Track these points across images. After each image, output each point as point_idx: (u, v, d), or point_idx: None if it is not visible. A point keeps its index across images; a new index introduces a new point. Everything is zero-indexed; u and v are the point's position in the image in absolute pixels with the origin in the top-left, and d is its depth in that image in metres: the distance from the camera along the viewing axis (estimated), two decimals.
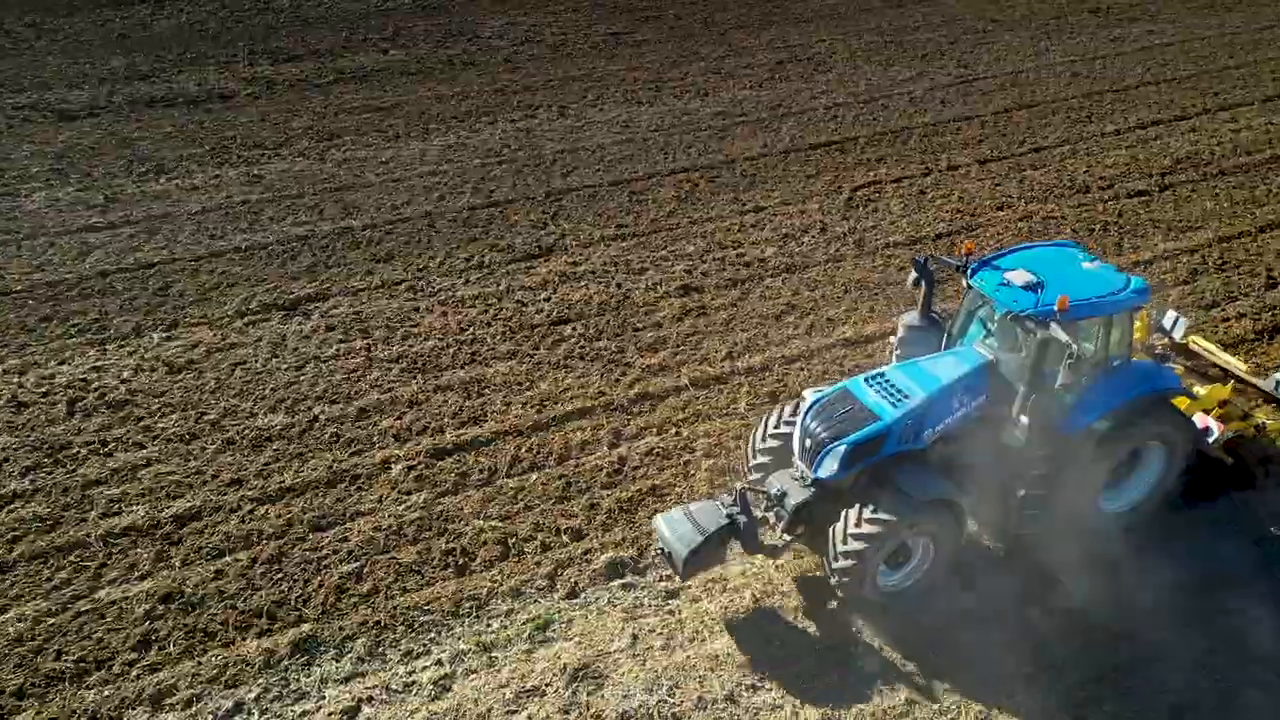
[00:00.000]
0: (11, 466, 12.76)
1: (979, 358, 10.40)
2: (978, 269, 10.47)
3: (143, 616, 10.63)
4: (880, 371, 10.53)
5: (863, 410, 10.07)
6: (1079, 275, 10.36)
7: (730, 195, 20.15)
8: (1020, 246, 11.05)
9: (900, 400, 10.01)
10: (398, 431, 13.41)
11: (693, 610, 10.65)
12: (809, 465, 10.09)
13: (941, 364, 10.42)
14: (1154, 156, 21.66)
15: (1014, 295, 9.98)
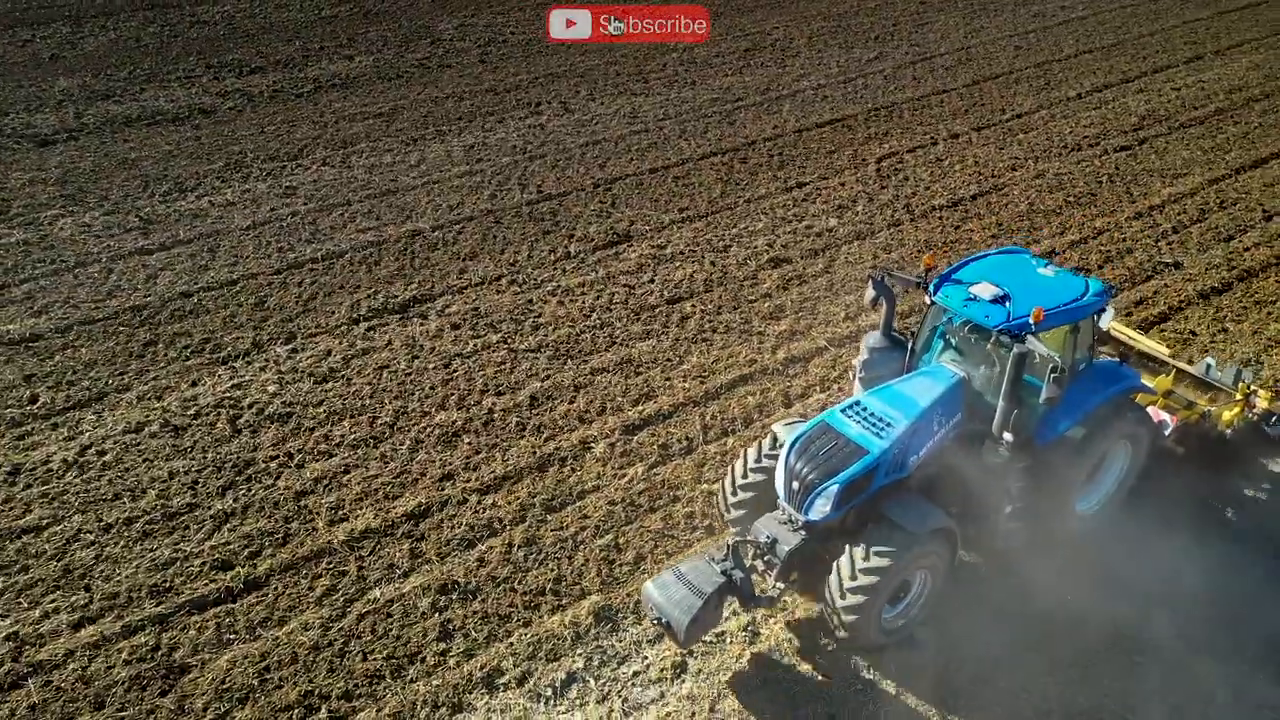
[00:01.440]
0: (206, 487, 12.41)
1: (951, 376, 10.14)
2: (940, 285, 10.26)
3: (430, 609, 10.73)
4: (856, 400, 10.11)
5: (848, 445, 9.59)
6: (1040, 283, 10.23)
7: (768, 174, 21.18)
8: (972, 257, 10.84)
9: (884, 430, 9.61)
10: (579, 414, 13.77)
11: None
12: (797, 508, 9.59)
13: (916, 386, 10.07)
14: (1120, 115, 24.11)
15: (984, 310, 9.78)
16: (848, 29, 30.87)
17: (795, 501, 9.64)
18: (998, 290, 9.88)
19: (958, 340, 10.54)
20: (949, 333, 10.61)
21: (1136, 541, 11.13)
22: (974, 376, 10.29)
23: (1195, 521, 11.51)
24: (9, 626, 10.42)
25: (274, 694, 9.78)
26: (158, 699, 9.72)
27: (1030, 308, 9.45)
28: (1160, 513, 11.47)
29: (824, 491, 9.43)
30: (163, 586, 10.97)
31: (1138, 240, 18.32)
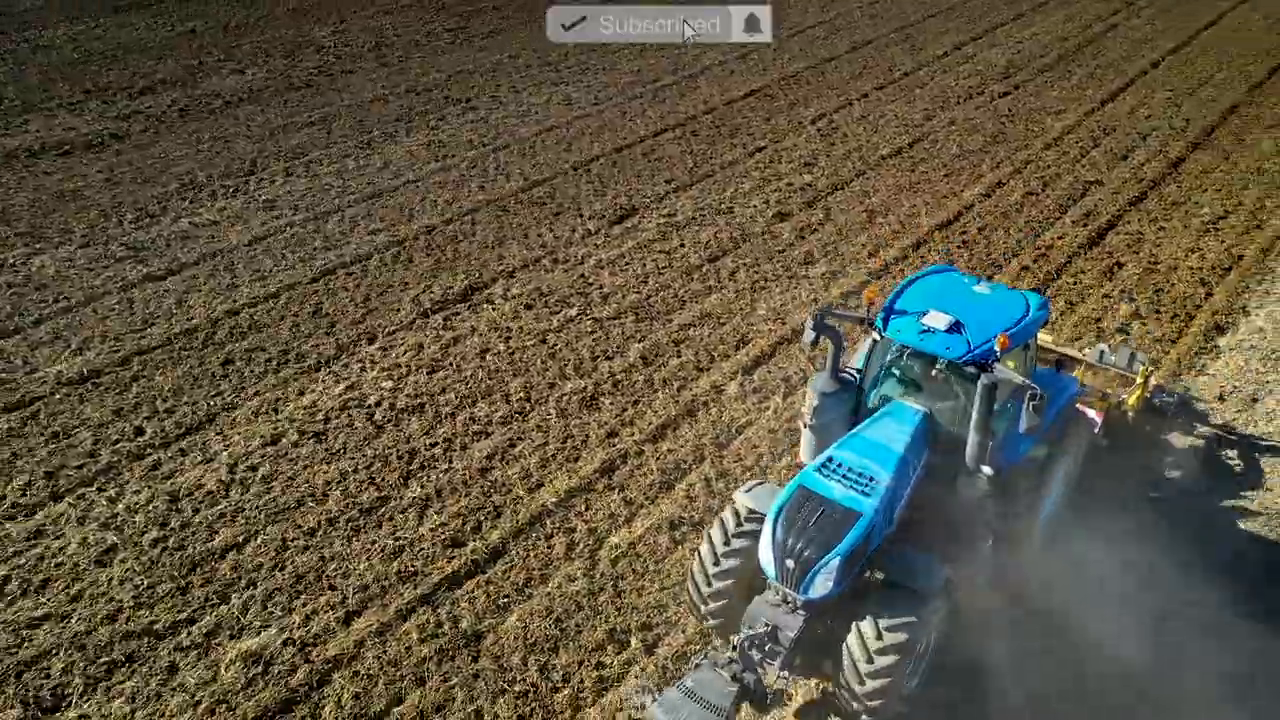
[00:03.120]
0: (385, 480, 12.53)
1: (915, 413, 9.61)
2: (887, 318, 9.77)
3: (670, 543, 11.57)
4: (829, 457, 9.28)
5: (836, 509, 8.79)
6: (985, 304, 9.90)
7: (725, 143, 22.81)
8: (906, 283, 10.33)
9: (869, 486, 8.93)
10: (695, 365, 14.85)
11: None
12: (795, 587, 8.69)
13: (885, 430, 9.46)
14: (988, 67, 27.63)
15: (942, 341, 9.36)
16: None
17: (791, 581, 8.68)
18: (949, 318, 9.43)
19: (914, 374, 10.01)
20: (902, 367, 10.07)
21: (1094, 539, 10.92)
22: (937, 410, 9.74)
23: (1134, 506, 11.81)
24: (279, 634, 10.33)
25: (579, 637, 10.37)
26: (473, 664, 10.07)
27: (983, 332, 9.30)
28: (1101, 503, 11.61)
29: (824, 567, 8.57)
30: (407, 571, 11.16)
31: (1060, 166, 21.46)
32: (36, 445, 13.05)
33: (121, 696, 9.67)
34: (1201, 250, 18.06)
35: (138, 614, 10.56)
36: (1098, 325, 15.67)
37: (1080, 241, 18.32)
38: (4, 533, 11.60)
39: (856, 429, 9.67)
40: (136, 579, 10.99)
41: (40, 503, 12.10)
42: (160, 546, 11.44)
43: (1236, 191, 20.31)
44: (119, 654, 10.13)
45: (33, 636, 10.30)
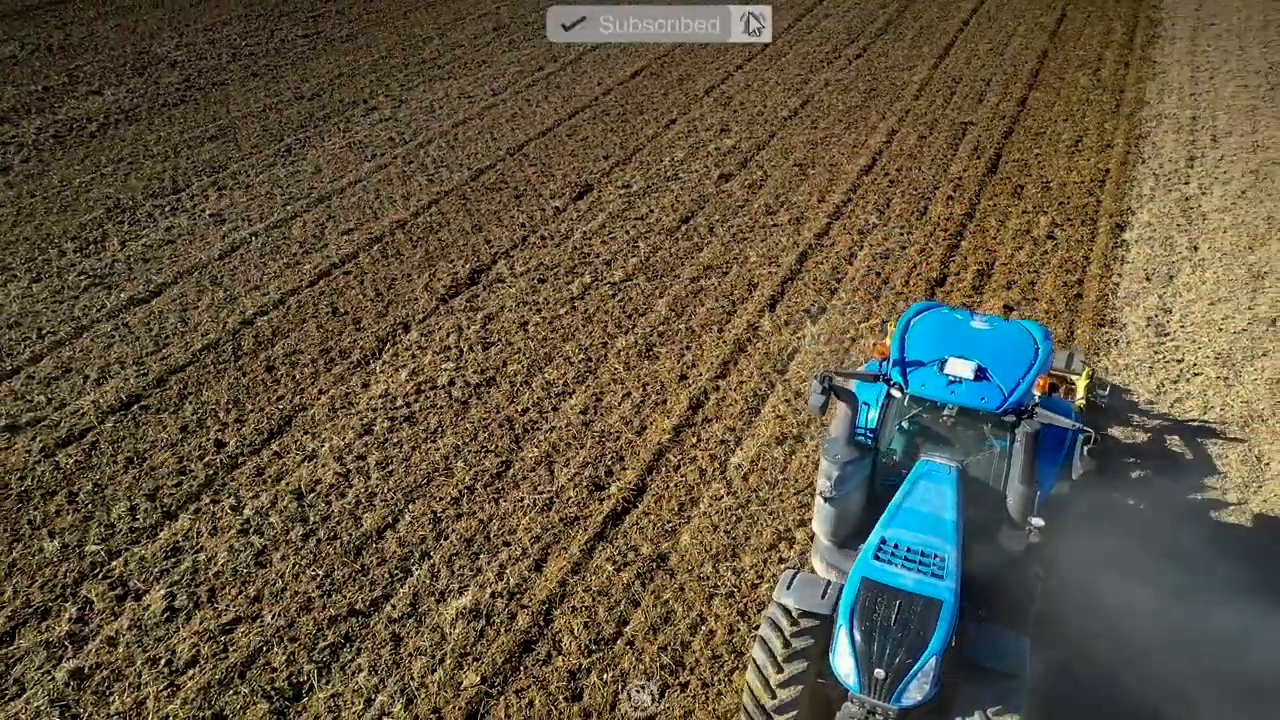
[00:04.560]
0: (498, 446, 13.09)
1: (949, 471, 9.03)
2: (905, 373, 9.18)
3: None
4: (881, 539, 8.50)
5: (914, 600, 7.95)
6: (994, 342, 9.55)
7: (638, 119, 24.17)
8: (902, 329, 9.90)
9: (939, 565, 8.22)
10: (722, 310, 16.22)
11: None
12: (886, 698, 7.79)
13: (927, 497, 8.80)
14: (834, 32, 30.48)
15: (976, 392, 8.86)
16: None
17: (881, 692, 7.78)
18: (972, 365, 9.01)
19: (939, 428, 9.33)
20: (926, 422, 9.37)
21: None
22: (972, 464, 9.22)
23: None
24: (482, 591, 10.85)
25: (750, 541, 11.56)
26: (672, 580, 11.05)
27: (1009, 375, 9.01)
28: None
29: (920, 671, 7.74)
30: (569, 517, 11.91)
31: (934, 112, 24.44)
32: (115, 473, 12.56)
33: (361, 672, 9.92)
34: (1076, 169, 21.37)
35: (332, 600, 10.72)
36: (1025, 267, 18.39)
37: (981, 172, 21.15)
38: (136, 556, 11.26)
39: (898, 501, 8.81)
40: (309, 571, 11.08)
41: (156, 523, 11.77)
42: (313, 539, 11.53)
43: (1078, 120, 23.98)
44: (334, 637, 10.30)
45: (233, 640, 10.26)
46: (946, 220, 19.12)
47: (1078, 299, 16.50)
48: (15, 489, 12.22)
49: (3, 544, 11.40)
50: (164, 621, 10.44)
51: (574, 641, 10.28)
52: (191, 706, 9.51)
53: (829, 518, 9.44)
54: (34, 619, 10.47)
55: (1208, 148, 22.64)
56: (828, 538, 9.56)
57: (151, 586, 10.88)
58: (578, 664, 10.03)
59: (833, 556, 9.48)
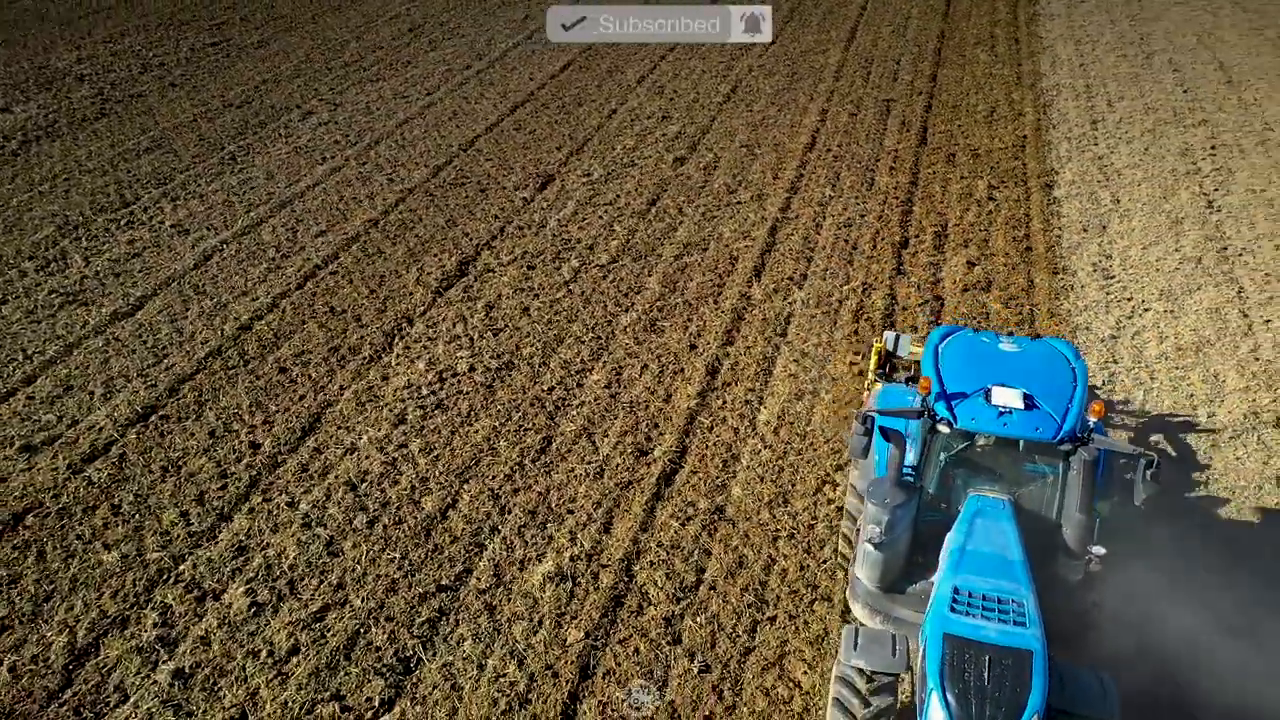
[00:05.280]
0: (536, 422, 13.51)
1: (1003, 506, 8.82)
2: (955, 407, 8.79)
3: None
4: (954, 589, 8.09)
5: (1005, 654, 7.55)
6: (1031, 365, 9.36)
7: (578, 111, 24.70)
8: (931, 356, 9.67)
9: (1020, 612, 7.86)
10: (712, 283, 16.98)
11: None
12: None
13: (989, 537, 8.49)
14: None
15: (1029, 422, 8.57)
16: (462, 13, 34.25)
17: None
18: (1018, 393, 8.75)
19: (987, 461, 9.04)
20: (973, 456, 9.05)
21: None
22: (1024, 495, 8.99)
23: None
24: (560, 556, 11.31)
25: (797, 487, 12.37)
26: (733, 529, 11.77)
27: (1057, 401, 8.76)
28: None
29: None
30: (622, 482, 12.46)
31: (856, 91, 25.84)
32: (153, 481, 12.41)
33: (465, 641, 10.26)
34: (996, 136, 23.06)
35: (415, 579, 10.98)
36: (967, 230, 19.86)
37: (914, 144, 22.60)
38: (203, 559, 11.24)
39: (958, 543, 8.49)
40: (385, 556, 11.30)
41: (213, 526, 11.75)
42: (379, 526, 11.73)
43: (987, 93, 25.79)
44: (429, 612, 10.59)
45: (327, 626, 10.42)
46: (894, 189, 20.40)
47: (1028, 251, 17.97)
48: (53, 507, 11.95)
49: (57, 560, 11.17)
50: (252, 617, 10.49)
51: (660, 592, 10.85)
52: (306, 691, 9.66)
53: (877, 564, 8.93)
54: (114, 629, 10.36)
55: (1106, 112, 24.73)
56: (875, 584, 9.07)
57: (227, 586, 10.89)
58: (669, 611, 10.61)
59: (879, 603, 9.08)
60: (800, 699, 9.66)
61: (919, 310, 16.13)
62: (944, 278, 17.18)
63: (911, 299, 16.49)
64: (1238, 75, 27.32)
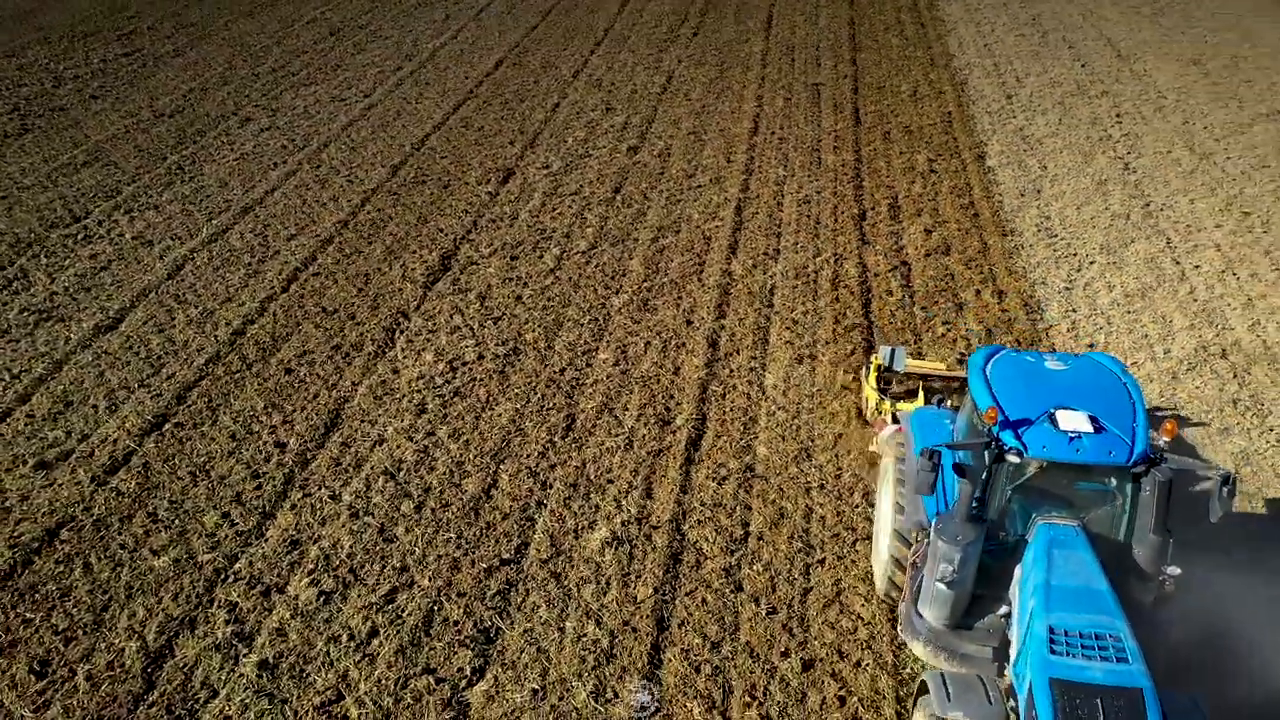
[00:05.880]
0: (556, 402, 13.94)
1: (1075, 533, 8.56)
2: (1026, 437, 8.43)
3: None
4: (1049, 628, 7.75)
5: (1115, 695, 7.31)
6: (1084, 382, 9.19)
7: (522, 106, 25.04)
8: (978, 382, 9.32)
9: (1117, 646, 7.63)
10: (692, 262, 17.67)
11: None
12: None
13: (1070, 568, 8.21)
14: (664, 14, 32.48)
15: (1102, 446, 8.30)
16: (378, 12, 34.08)
17: None
18: (1083, 415, 8.51)
19: (1055, 487, 8.78)
20: (1040, 483, 8.74)
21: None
22: (1092, 520, 8.76)
23: None
24: (611, 523, 11.81)
25: (816, 444, 13.18)
26: (766, 485, 12.49)
27: (1122, 420, 8.55)
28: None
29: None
30: (653, 450, 13.03)
31: (785, 77, 26.94)
32: (185, 487, 12.34)
33: (540, 608, 10.66)
34: (923, 114, 24.47)
35: (477, 555, 11.31)
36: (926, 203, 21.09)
37: (850, 124, 23.78)
38: (257, 556, 11.30)
39: (1041, 578, 8.16)
40: (440, 537, 11.58)
41: (259, 524, 11.79)
42: (427, 510, 11.99)
43: (905, 74, 27.25)
44: (496, 585, 10.94)
45: (400, 607, 10.66)
46: (842, 166, 21.49)
47: (976, 217, 19.26)
48: (86, 520, 11.77)
49: (106, 570, 11.05)
50: (322, 605, 10.63)
51: (713, 546, 11.47)
52: (396, 668, 9.90)
53: (948, 602, 8.71)
54: (183, 630, 10.36)
55: (1016, 88, 26.48)
56: (943, 622, 8.87)
57: (289, 579, 10.99)
58: (726, 563, 11.24)
59: (944, 640, 8.91)
60: (864, 629, 10.41)
61: (890, 276, 17.16)
62: (906, 245, 18.28)
63: (881, 266, 17.51)
64: (1125, 49, 29.58)
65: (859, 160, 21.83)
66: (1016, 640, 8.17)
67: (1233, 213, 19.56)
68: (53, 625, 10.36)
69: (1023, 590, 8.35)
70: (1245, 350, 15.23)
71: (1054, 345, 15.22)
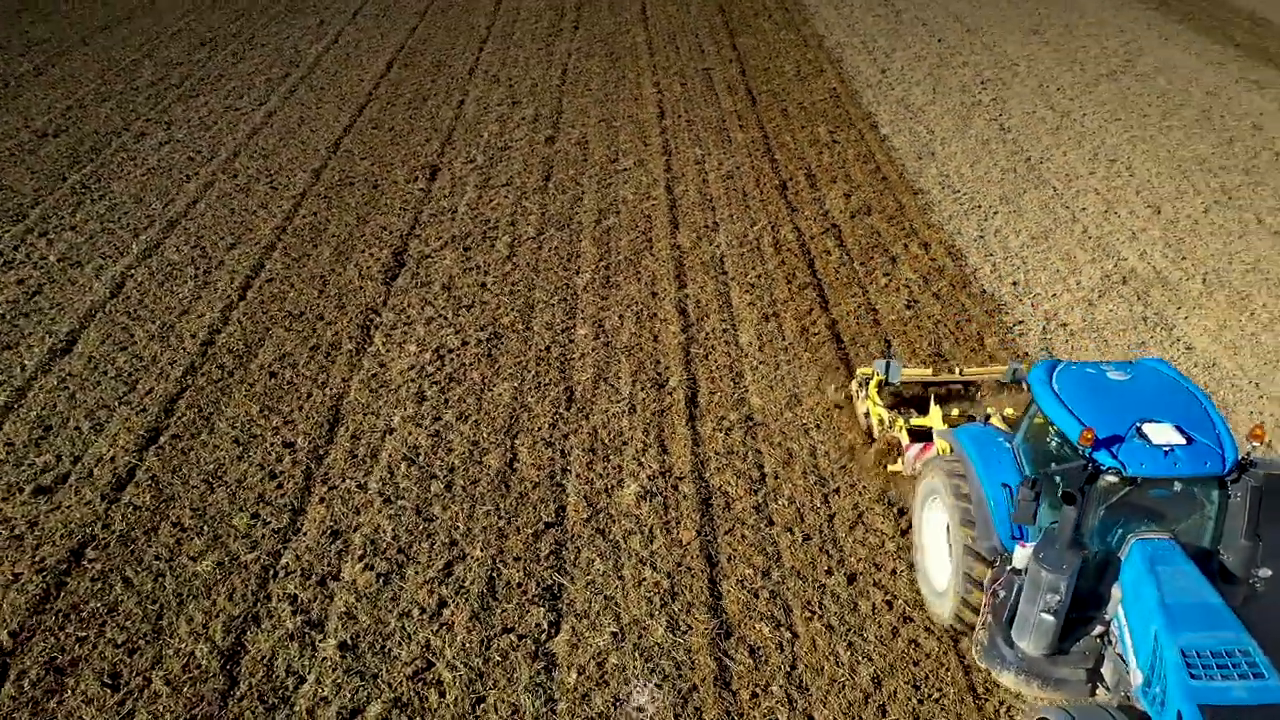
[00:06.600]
0: (550, 378, 14.48)
1: (1173, 548, 8.43)
2: (1122, 455, 8.27)
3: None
4: (1179, 651, 7.58)
5: (1267, 711, 7.29)
6: (1154, 390, 9.11)
7: (428, 105, 25.17)
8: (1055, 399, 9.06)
9: (1248, 661, 7.53)
10: (641, 241, 18.47)
11: None
12: None
13: (1179, 585, 8.06)
14: (545, 10, 33.05)
15: (1197, 457, 8.23)
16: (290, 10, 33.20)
17: None
18: (1170, 427, 8.46)
19: (1145, 502, 8.67)
20: (1129, 500, 8.58)
21: None
22: (1182, 532, 8.67)
23: None
24: (636, 481, 12.54)
25: (816, 393, 14.29)
26: (781, 437, 13.50)
27: (1204, 428, 8.52)
28: None
29: None
30: (657, 411, 13.81)
31: (679, 64, 28.06)
32: (203, 493, 12.23)
33: (594, 561, 11.25)
34: (811, 91, 26.09)
35: (517, 523, 11.79)
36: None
37: (747, 104, 25.11)
38: (301, 548, 11.42)
39: (1156, 599, 8.00)
40: (479, 510, 11.98)
41: (292, 520, 11.86)
42: (457, 487, 12.36)
43: (786, 55, 28.86)
44: (546, 547, 11.46)
45: (459, 579, 11.03)
46: (752, 143, 22.76)
47: (885, 181, 20.88)
48: (108, 536, 11.54)
49: (148, 581, 10.92)
50: (383, 586, 10.89)
51: (737, 489, 12.36)
52: (475, 632, 10.32)
53: (1050, 630, 8.56)
54: (249, 625, 10.42)
55: (887, 63, 28.51)
56: (1044, 650, 8.72)
57: (341, 567, 11.17)
58: (754, 502, 12.15)
59: (1038, 667, 8.79)
60: (890, 542, 11.53)
61: (824, 238, 18.46)
62: (830, 209, 19.66)
63: (814, 229, 18.81)
64: (972, 24, 32.21)
65: (766, 136, 23.13)
66: (1135, 663, 8.08)
67: (1100, 161, 21.93)
68: (110, 639, 10.20)
69: (1130, 611, 8.28)
70: (1141, 276, 17.31)
71: (1015, 324, 16.83)
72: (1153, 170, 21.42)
